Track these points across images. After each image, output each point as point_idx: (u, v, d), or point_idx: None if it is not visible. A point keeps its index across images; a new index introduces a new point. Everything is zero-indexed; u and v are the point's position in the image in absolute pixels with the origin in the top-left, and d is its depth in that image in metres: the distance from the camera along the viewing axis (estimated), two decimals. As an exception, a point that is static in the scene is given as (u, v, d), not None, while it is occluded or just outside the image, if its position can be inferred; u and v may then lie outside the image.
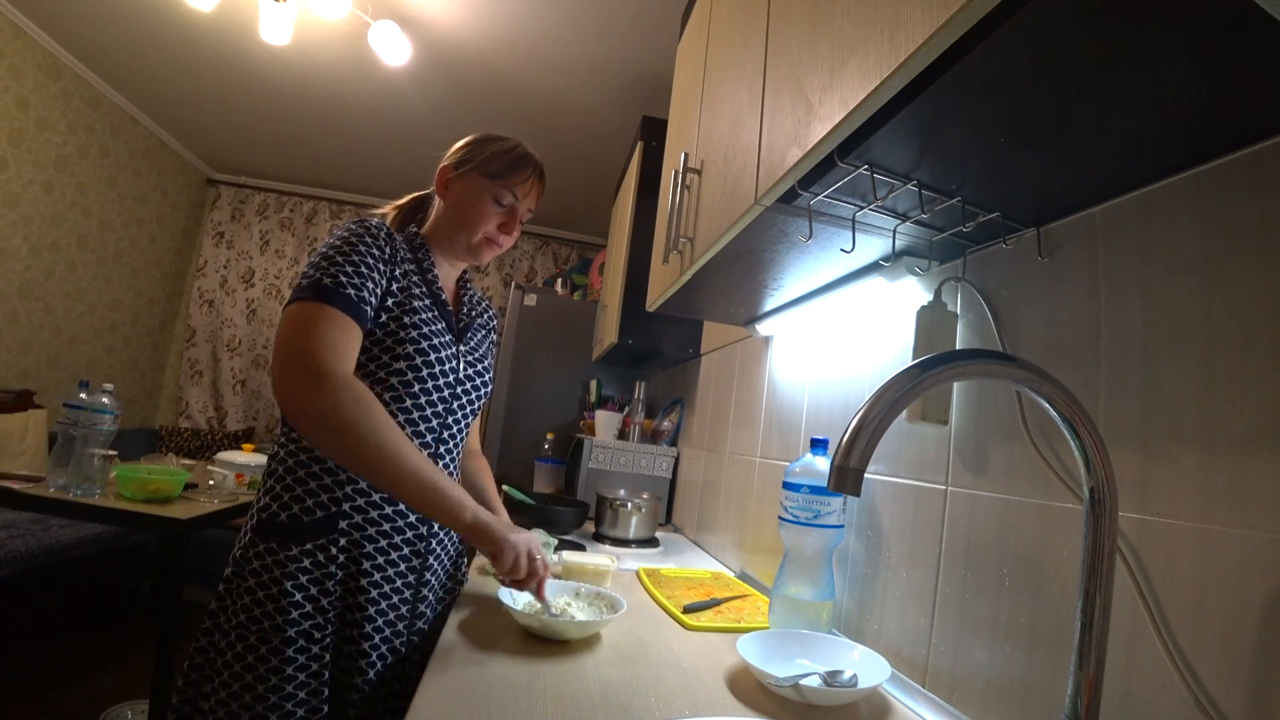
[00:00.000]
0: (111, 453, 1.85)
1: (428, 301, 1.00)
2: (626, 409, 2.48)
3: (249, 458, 2.22)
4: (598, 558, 1.24)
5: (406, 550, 0.96)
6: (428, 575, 0.99)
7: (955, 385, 0.85)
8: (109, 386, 1.90)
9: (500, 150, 1.05)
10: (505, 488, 1.76)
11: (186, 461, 2.29)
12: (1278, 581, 0.47)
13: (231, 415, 4.15)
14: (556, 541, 1.32)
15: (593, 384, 2.94)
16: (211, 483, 2.05)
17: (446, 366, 0.99)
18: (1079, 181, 0.65)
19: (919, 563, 0.86)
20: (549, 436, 2.61)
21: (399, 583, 0.95)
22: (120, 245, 3.62)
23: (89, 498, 1.76)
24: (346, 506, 0.91)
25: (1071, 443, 0.53)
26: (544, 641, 0.87)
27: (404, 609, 0.95)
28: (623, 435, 2.38)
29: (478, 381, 1.07)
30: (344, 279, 0.88)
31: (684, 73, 1.47)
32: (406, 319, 0.94)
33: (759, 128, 0.84)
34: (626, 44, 2.40)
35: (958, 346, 0.85)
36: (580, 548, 1.52)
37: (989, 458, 0.77)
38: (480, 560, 1.28)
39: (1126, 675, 0.56)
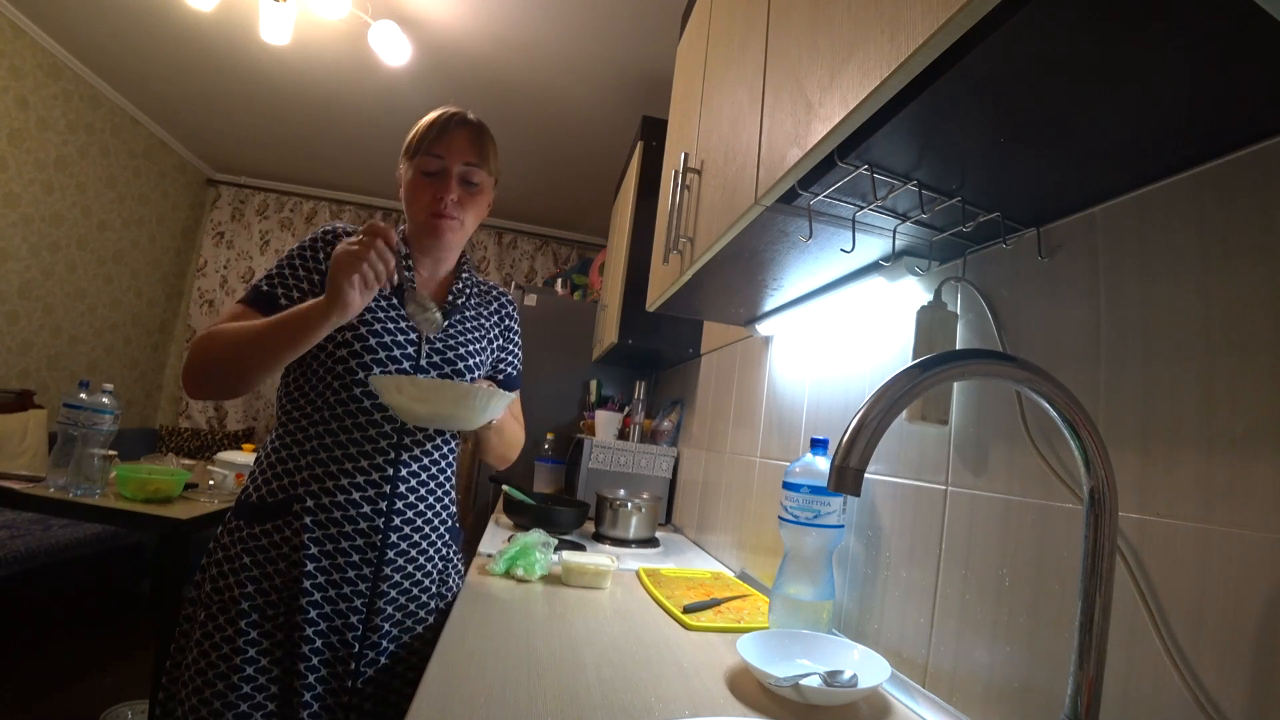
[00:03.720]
0: (111, 453, 1.85)
1: (385, 291, 1.00)
2: (626, 409, 2.48)
3: (249, 458, 2.22)
4: (598, 558, 1.24)
5: (360, 541, 0.95)
6: (387, 569, 0.96)
7: (955, 385, 0.85)
8: (109, 386, 1.90)
9: (418, 128, 1.05)
10: (505, 488, 1.77)
11: (186, 461, 2.29)
12: (1278, 581, 0.47)
13: (231, 415, 4.15)
14: (556, 541, 1.32)
15: (593, 384, 2.94)
16: (211, 483, 2.05)
17: (398, 353, 0.98)
18: (1079, 181, 0.65)
19: (919, 563, 0.86)
20: (549, 436, 2.60)
21: (351, 574, 0.94)
22: (120, 245, 3.61)
23: (89, 498, 1.76)
24: (302, 490, 0.94)
25: (1071, 443, 0.53)
26: (544, 641, 0.87)
27: (358, 602, 0.94)
28: (623, 435, 2.38)
29: (447, 370, 1.03)
30: (265, 283, 0.98)
31: (684, 73, 1.47)
32: None
33: (759, 128, 0.84)
34: (626, 44, 2.40)
35: (958, 346, 0.85)
36: (580, 548, 1.52)
37: (989, 458, 0.77)
38: (480, 561, 1.28)
39: (1126, 675, 0.56)
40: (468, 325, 1.09)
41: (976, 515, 0.78)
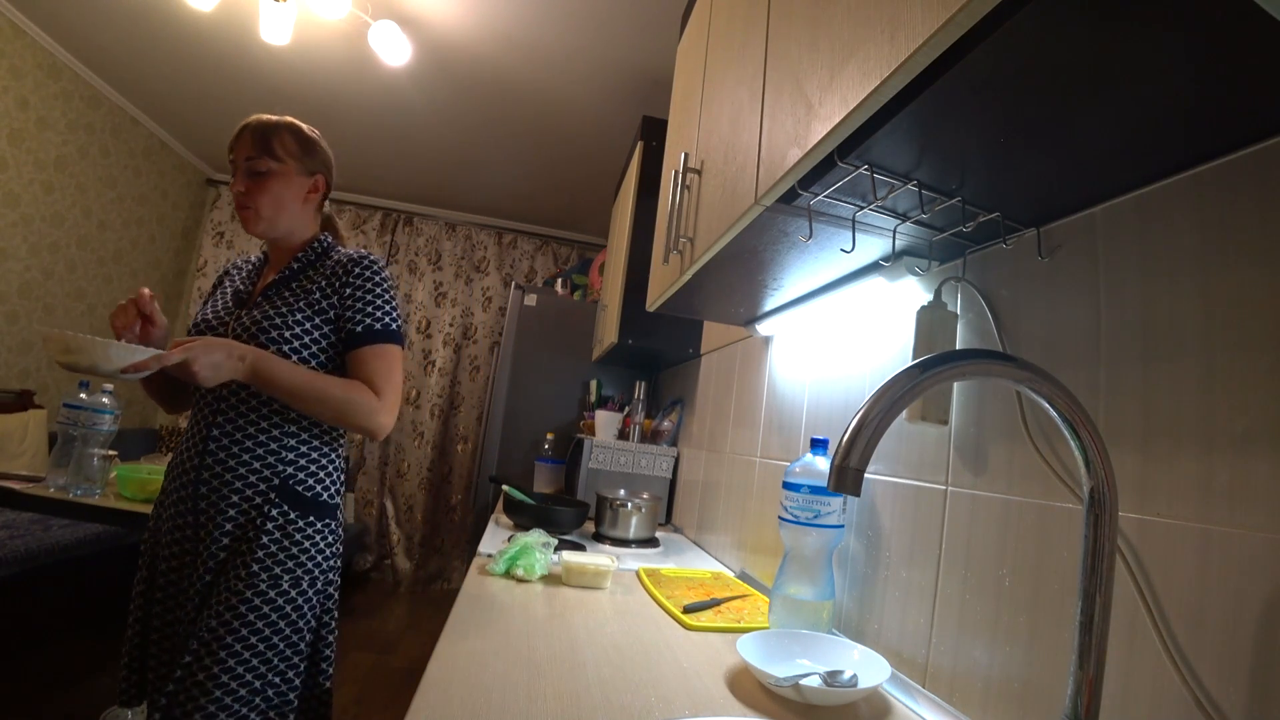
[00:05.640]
0: (111, 453, 1.85)
1: (226, 289, 1.23)
2: (626, 409, 2.48)
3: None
4: (598, 558, 1.24)
5: (183, 486, 1.11)
6: (205, 504, 1.09)
7: (955, 385, 0.85)
8: (109, 387, 1.90)
9: None
10: (505, 488, 1.77)
11: (186, 461, 2.28)
12: (1278, 581, 0.47)
13: (231, 415, 4.15)
14: (556, 541, 1.32)
15: (593, 384, 2.94)
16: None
17: (214, 334, 1.14)
18: (1079, 181, 0.65)
19: (919, 563, 0.86)
20: (549, 436, 2.61)
21: (182, 507, 1.10)
22: (120, 245, 3.61)
23: (89, 498, 1.76)
24: (175, 449, 1.16)
25: (1071, 443, 0.53)
26: (544, 641, 0.87)
27: (188, 532, 1.10)
28: (623, 435, 2.38)
29: (260, 337, 1.11)
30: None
31: (684, 73, 1.47)
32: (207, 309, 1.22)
33: (759, 128, 0.84)
34: (626, 44, 2.40)
35: (958, 346, 0.85)
36: (580, 548, 1.52)
37: (989, 458, 0.77)
38: (480, 561, 1.28)
39: (1126, 675, 0.56)
40: (284, 298, 1.17)
41: (976, 515, 0.78)
